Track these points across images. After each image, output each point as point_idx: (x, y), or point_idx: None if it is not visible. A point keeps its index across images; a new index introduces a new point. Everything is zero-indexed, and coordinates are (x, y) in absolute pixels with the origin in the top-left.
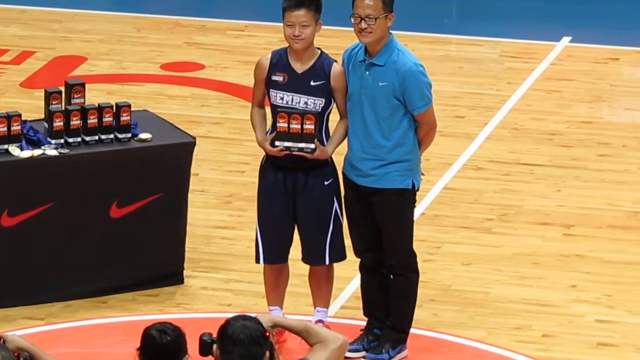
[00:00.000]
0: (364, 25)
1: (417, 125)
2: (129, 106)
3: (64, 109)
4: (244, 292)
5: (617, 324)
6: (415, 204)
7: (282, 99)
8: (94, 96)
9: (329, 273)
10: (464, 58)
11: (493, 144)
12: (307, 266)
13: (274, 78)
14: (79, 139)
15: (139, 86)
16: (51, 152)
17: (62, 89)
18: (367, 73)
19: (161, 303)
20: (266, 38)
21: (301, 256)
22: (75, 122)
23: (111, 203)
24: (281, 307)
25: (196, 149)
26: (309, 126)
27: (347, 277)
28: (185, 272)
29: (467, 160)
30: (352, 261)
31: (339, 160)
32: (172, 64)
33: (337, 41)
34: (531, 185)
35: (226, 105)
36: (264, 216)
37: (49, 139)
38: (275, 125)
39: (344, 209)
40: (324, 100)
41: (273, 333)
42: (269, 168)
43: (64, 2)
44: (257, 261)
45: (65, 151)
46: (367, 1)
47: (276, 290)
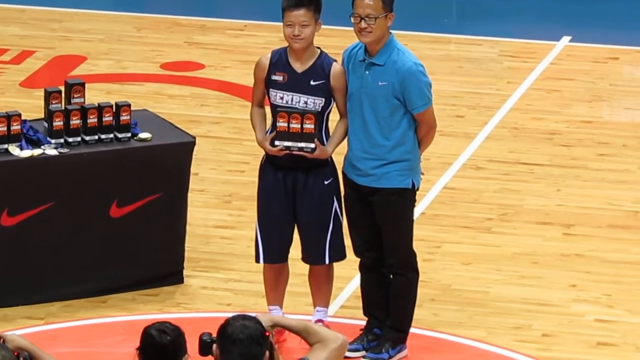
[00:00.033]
0: (363, 24)
1: (417, 124)
2: (128, 106)
3: (63, 108)
4: (243, 291)
5: (617, 324)
6: (415, 203)
7: (281, 98)
8: (93, 96)
9: (329, 272)
10: (463, 57)
11: (493, 144)
12: (307, 266)
13: (274, 78)
14: (79, 138)
15: (138, 86)
16: (51, 151)
17: (62, 88)
18: (367, 73)
19: (161, 303)
20: (266, 38)
21: (301, 256)
22: (75, 121)
23: (111, 203)
24: (281, 307)
25: (196, 148)
26: (309, 126)
27: (347, 277)
28: (185, 272)
29: (466, 159)
30: (352, 261)
31: (338, 159)
32: (171, 63)
33: (337, 41)
34: (531, 185)
35: (226, 105)
36: (263, 216)
37: (48, 138)
38: (275, 125)
39: (343, 208)
40: (323, 99)
41: (273, 333)
42: (269, 168)
43: (63, 2)
44: (257, 261)
45: (65, 151)
46: (367, 1)
47: (276, 289)
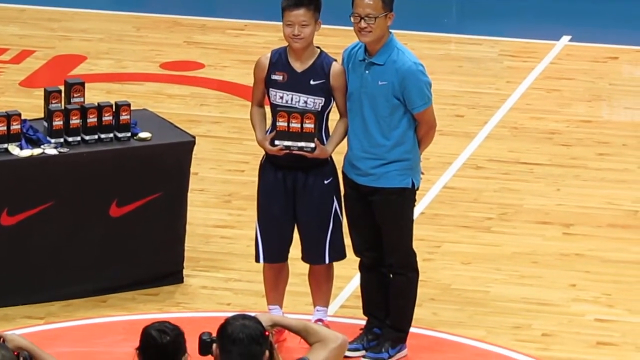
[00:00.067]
0: (363, 24)
1: (416, 124)
2: (128, 105)
3: (63, 108)
4: (243, 291)
5: (617, 323)
6: (415, 203)
7: (281, 98)
8: (93, 95)
9: (329, 272)
10: (463, 57)
11: (492, 143)
12: (307, 265)
13: (274, 77)
14: (79, 138)
15: (138, 85)
16: (51, 151)
17: (62, 88)
18: (366, 72)
19: (161, 302)
20: (266, 37)
21: (301, 255)
22: (75, 121)
23: (111, 202)
24: (281, 306)
25: (196, 148)
26: (309, 125)
27: (347, 276)
28: (185, 271)
29: (466, 159)
30: (352, 260)
31: (338, 159)
32: (171, 63)
33: (337, 40)
34: (531, 185)
35: (226, 105)
36: (263, 215)
37: (48, 138)
38: (275, 125)
39: (343, 208)
40: (323, 99)
41: (272, 332)
42: (269, 167)
43: (63, 1)
44: (257, 260)
45: (64, 150)
46: (367, 0)
47: (276, 289)
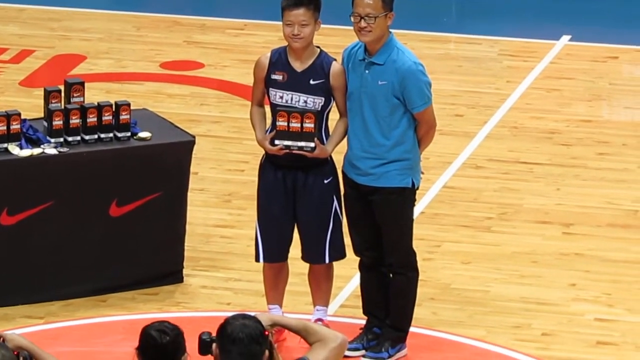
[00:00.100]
0: (363, 24)
1: (416, 124)
2: (128, 105)
3: (63, 107)
4: (243, 290)
5: (617, 323)
6: (415, 202)
7: (281, 97)
8: (93, 95)
9: (329, 271)
10: (463, 57)
11: (492, 143)
12: (307, 265)
13: (274, 77)
14: (79, 137)
15: (138, 85)
16: (50, 150)
17: (62, 87)
18: (366, 72)
19: (161, 302)
20: (265, 37)
21: (301, 255)
22: (75, 120)
23: (111, 202)
24: (280, 306)
25: (195, 147)
26: (309, 125)
27: (347, 276)
28: (185, 271)
29: (466, 158)
30: (352, 260)
31: (338, 158)
32: (171, 62)
33: (337, 40)
34: (530, 184)
35: (225, 104)
36: (263, 215)
37: (48, 137)
38: (274, 124)
39: (343, 207)
40: (323, 98)
41: (272, 332)
42: (269, 167)
43: (63, 1)
44: (257, 260)
45: (64, 150)
46: (367, 0)
47: (275, 288)
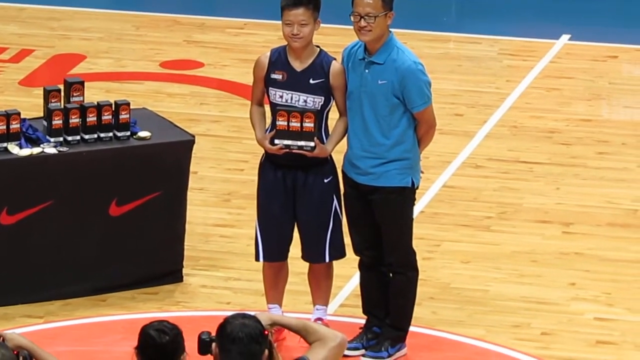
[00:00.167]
0: (363, 23)
1: (416, 123)
2: (128, 104)
3: (63, 107)
4: (243, 290)
5: (616, 322)
6: (415, 202)
7: (281, 97)
8: (93, 94)
9: (329, 271)
10: (463, 56)
11: (492, 142)
12: (307, 264)
13: (273, 76)
14: (78, 137)
15: (138, 84)
16: (50, 150)
17: (61, 87)
18: (366, 71)
19: (160, 301)
20: (265, 36)
21: (301, 254)
22: (74, 120)
23: (110, 201)
24: (280, 305)
25: (195, 147)
26: (309, 124)
27: (347, 275)
28: (185, 270)
29: (466, 158)
30: (352, 259)
31: (338, 158)
32: (171, 62)
33: (337, 39)
34: (530, 183)
35: (225, 104)
36: (263, 214)
37: (48, 137)
38: (274, 124)
39: (343, 207)
40: (323, 98)
41: (272, 331)
42: (269, 166)
43: (62, 0)
44: (257, 259)
45: (64, 149)
46: None
47: (275, 288)
